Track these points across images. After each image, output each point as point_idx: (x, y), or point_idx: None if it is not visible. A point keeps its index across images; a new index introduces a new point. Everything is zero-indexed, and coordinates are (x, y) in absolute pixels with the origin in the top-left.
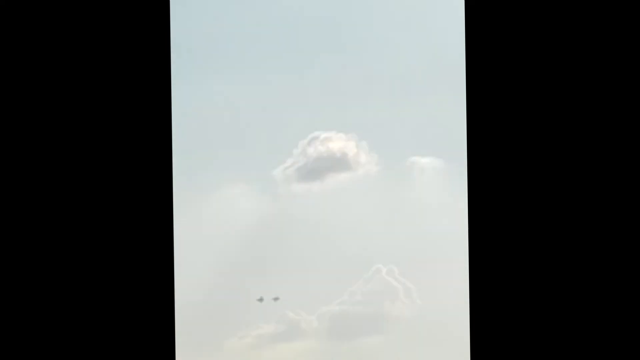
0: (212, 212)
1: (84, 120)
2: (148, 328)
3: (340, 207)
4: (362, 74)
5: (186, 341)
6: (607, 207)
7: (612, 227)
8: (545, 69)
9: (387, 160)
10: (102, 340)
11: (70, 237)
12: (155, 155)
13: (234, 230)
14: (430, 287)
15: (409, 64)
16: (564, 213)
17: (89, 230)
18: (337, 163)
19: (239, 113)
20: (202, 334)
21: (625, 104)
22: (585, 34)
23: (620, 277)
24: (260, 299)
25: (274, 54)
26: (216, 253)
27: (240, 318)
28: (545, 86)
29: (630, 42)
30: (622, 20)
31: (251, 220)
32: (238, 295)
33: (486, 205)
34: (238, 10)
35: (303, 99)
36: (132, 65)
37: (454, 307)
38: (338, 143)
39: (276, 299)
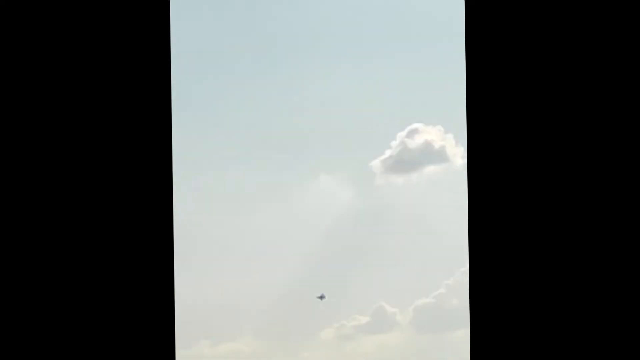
0: (308, 202)
1: (83, 120)
2: (148, 328)
3: (437, 198)
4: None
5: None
6: (607, 207)
7: (612, 227)
8: (545, 69)
9: None
10: (102, 340)
11: (70, 237)
12: (155, 155)
13: (330, 220)
14: None
15: None
16: (564, 213)
17: (88, 230)
18: (435, 155)
19: (336, 104)
20: (297, 323)
21: (624, 103)
22: (585, 34)
23: (619, 276)
24: (322, 297)
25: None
26: (312, 243)
27: (335, 309)
28: (545, 86)
29: (630, 42)
30: (622, 20)
31: (348, 211)
32: (334, 285)
33: (486, 205)
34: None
35: (403, 91)
36: (132, 65)
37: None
38: (436, 135)
39: (322, 297)
